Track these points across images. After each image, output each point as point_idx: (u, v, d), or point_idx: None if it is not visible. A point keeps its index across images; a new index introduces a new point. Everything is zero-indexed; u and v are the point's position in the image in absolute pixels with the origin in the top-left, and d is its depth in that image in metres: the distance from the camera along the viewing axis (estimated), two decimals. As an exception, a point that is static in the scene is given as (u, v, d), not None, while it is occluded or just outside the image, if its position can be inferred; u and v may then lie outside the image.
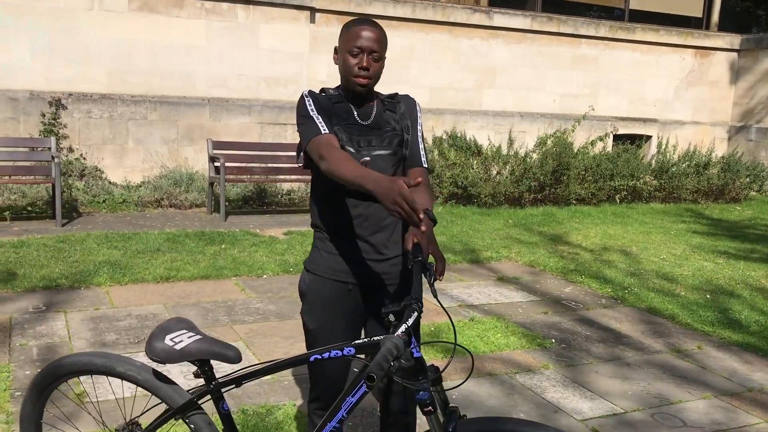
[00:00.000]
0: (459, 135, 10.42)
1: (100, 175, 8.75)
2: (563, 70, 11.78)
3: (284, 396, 3.74)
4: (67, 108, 8.56)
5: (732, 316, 5.55)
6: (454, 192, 9.83)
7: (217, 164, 8.20)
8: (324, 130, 2.22)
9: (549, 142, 10.70)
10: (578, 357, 4.55)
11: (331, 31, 9.95)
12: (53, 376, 2.24)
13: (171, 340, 2.02)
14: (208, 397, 2.12)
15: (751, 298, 6.10)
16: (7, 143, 7.70)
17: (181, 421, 2.53)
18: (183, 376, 3.92)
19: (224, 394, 2.18)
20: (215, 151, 8.40)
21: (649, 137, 12.72)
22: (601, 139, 11.35)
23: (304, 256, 6.59)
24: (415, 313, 1.83)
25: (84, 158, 8.69)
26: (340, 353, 1.94)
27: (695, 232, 9.05)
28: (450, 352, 4.48)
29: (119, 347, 4.28)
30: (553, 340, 4.82)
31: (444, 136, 10.45)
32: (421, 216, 1.75)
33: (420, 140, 2.45)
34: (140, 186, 8.81)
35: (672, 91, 12.88)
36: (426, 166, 2.44)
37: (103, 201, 8.36)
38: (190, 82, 9.22)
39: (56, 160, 7.35)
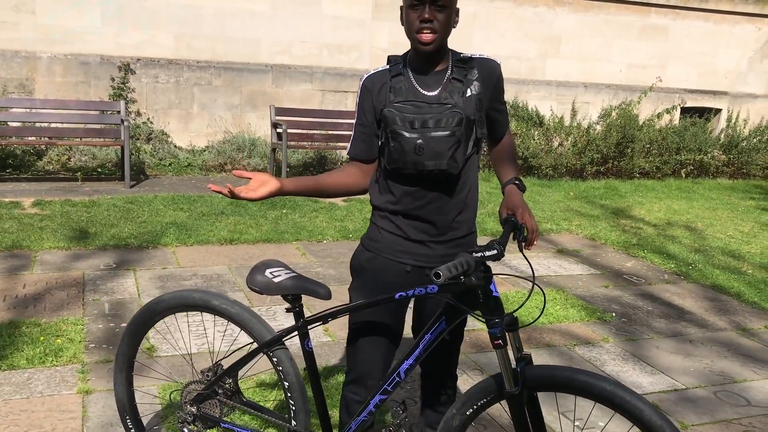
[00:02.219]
0: (521, 105, 10.26)
1: (166, 138, 8.96)
2: (631, 40, 11.43)
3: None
4: (135, 73, 8.76)
5: (802, 297, 5.38)
6: (514, 163, 9.72)
7: (279, 130, 8.30)
8: (348, 151, 2.29)
9: (614, 113, 10.45)
10: (639, 331, 4.50)
11: (393, 2, 9.88)
12: (152, 312, 2.41)
13: (270, 273, 2.18)
14: (294, 333, 2.25)
15: (823, 278, 5.90)
16: (79, 106, 7.95)
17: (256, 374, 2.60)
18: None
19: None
20: (277, 118, 8.49)
21: (718, 110, 12.29)
22: (668, 111, 11.02)
23: (362, 224, 6.66)
24: (495, 251, 1.90)
25: (151, 122, 8.90)
26: (423, 291, 2.01)
27: (765, 209, 8.75)
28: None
29: (186, 305, 4.42)
30: (614, 314, 4.77)
31: (505, 106, 10.30)
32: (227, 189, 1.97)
33: (505, 109, 2.32)
34: (204, 150, 8.99)
35: (745, 63, 12.38)
36: (509, 130, 2.38)
37: (169, 164, 8.57)
38: (254, 49, 9.31)
39: (125, 123, 7.55)
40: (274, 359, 2.27)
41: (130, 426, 2.59)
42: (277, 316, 4.37)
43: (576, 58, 11.16)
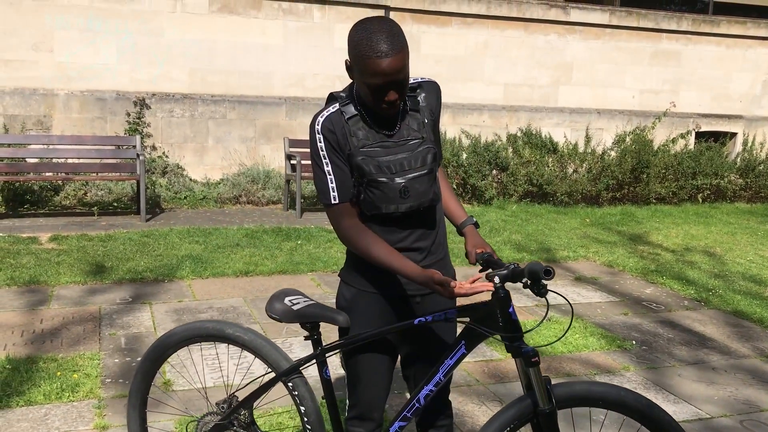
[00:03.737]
0: (534, 132, 10.26)
1: (182, 172, 9.03)
2: (643, 66, 11.44)
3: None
4: (150, 107, 8.87)
5: (826, 321, 5.28)
6: (529, 190, 9.70)
7: (293, 162, 8.34)
8: (335, 199, 2.09)
9: (628, 139, 10.42)
10: (660, 359, 4.42)
11: (405, 29, 9.96)
12: (165, 347, 2.41)
13: (290, 301, 2.23)
14: (313, 361, 2.26)
15: None
16: (95, 141, 8.03)
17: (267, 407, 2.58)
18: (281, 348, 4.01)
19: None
20: (291, 149, 8.54)
21: (734, 134, 12.22)
22: (682, 136, 10.97)
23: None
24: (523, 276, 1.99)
25: (166, 156, 8.98)
26: (443, 315, 2.09)
27: (784, 233, 8.65)
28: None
29: (202, 338, 4.41)
30: (634, 342, 4.70)
31: (519, 134, 10.31)
32: (455, 287, 1.98)
33: (438, 134, 2.24)
34: (219, 183, 9.05)
35: (759, 86, 12.34)
36: (441, 160, 2.28)
37: (185, 197, 8.63)
38: (268, 82, 9.41)
39: (141, 157, 7.63)
40: (292, 387, 2.28)
41: None
42: (293, 347, 4.34)
43: (588, 85, 11.17)
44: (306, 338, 2.23)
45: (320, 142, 2.08)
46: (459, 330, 2.49)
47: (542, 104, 10.93)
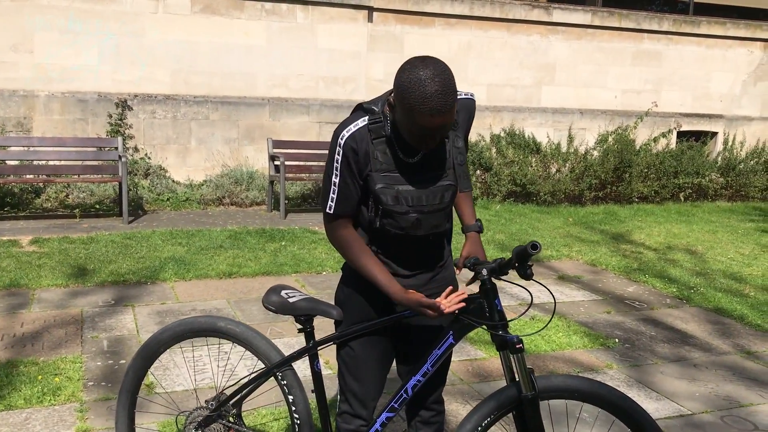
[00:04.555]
0: (517, 132, 10.31)
1: (164, 173, 8.98)
2: (625, 66, 11.53)
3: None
4: (132, 109, 8.81)
5: (805, 318, 5.34)
6: (513, 190, 9.74)
7: (276, 163, 8.32)
8: (331, 209, 2.11)
9: (610, 139, 10.49)
10: (643, 357, 4.45)
11: (388, 29, 9.98)
12: (158, 343, 2.43)
13: (285, 294, 2.30)
14: (305, 354, 2.31)
15: (826, 299, 5.86)
16: (77, 143, 7.97)
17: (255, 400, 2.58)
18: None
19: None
20: (275, 150, 8.52)
21: (714, 134, 12.34)
22: (664, 135, 11.06)
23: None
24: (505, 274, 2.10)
25: (149, 157, 8.93)
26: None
27: (765, 231, 8.74)
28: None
29: (185, 341, 4.38)
30: (617, 340, 4.73)
31: (502, 134, 10.35)
32: (445, 308, 2.06)
33: (465, 157, 2.22)
34: (202, 184, 9.01)
35: (739, 86, 12.47)
36: (471, 188, 2.30)
37: (167, 199, 8.58)
38: (251, 83, 9.38)
39: (123, 159, 7.57)
40: (281, 379, 2.33)
41: None
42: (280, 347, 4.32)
43: (571, 85, 11.24)
44: (300, 331, 2.29)
45: (338, 155, 2.05)
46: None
47: (525, 104, 10.98)
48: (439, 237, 2.26)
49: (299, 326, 2.32)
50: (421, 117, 1.87)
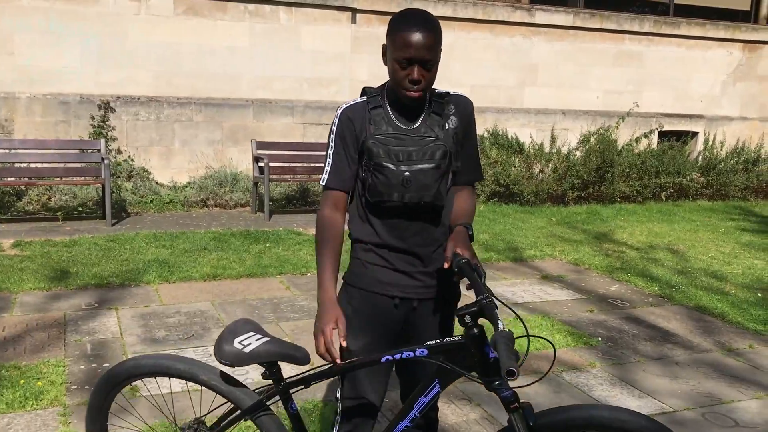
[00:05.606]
0: (501, 133, 10.36)
1: (148, 176, 8.94)
2: (606, 67, 11.62)
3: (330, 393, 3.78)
4: (115, 111, 8.76)
5: (784, 315, 5.42)
6: (496, 190, 9.79)
7: (261, 164, 8.31)
8: (324, 181, 2.16)
9: (592, 139, 10.56)
10: (625, 355, 4.50)
11: (372, 31, 9.99)
12: (115, 382, 2.23)
13: (240, 343, 2.03)
14: (277, 397, 2.14)
15: (805, 296, 5.95)
16: (59, 145, 7.92)
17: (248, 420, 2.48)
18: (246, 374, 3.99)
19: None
20: (259, 152, 8.51)
21: (695, 134, 12.47)
22: (645, 135, 11.16)
23: (345, 255, 6.64)
24: (496, 309, 1.81)
25: (132, 159, 8.88)
26: (412, 354, 1.95)
27: (745, 229, 8.85)
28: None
29: (169, 343, 4.38)
30: (600, 339, 4.77)
31: (486, 135, 10.40)
32: (338, 360, 2.00)
33: (475, 154, 2.28)
34: (186, 186, 8.97)
35: (719, 87, 12.60)
36: (483, 177, 2.29)
37: (151, 201, 8.54)
38: (235, 84, 9.36)
39: (106, 161, 7.53)
40: (261, 427, 2.14)
41: None
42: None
43: (553, 86, 11.31)
44: (264, 377, 2.09)
45: (334, 125, 2.16)
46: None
47: (508, 105, 11.04)
48: (434, 227, 2.20)
49: (264, 372, 2.11)
50: (402, 36, 2.00)
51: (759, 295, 5.93)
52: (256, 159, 8.46)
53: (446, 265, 1.97)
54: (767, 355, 4.62)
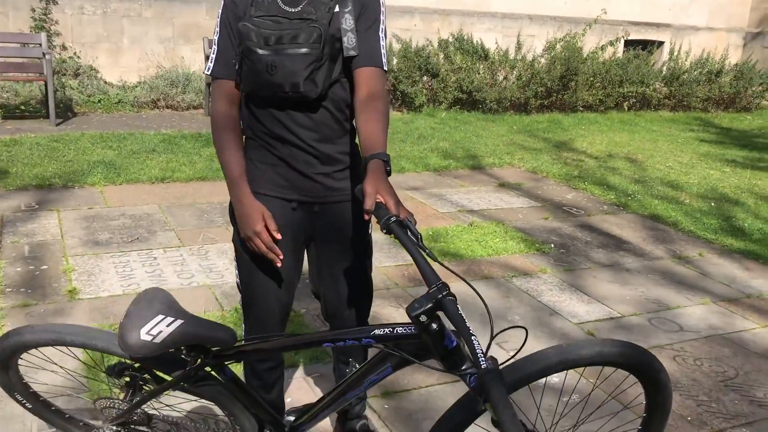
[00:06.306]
0: (466, 38, 10.05)
1: (95, 74, 8.52)
2: (576, -29, 11.26)
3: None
4: (58, 3, 8.23)
5: (735, 224, 5.46)
6: (459, 97, 9.59)
7: (214, 64, 7.94)
8: (209, 70, 1.98)
9: (558, 46, 10.33)
10: (577, 262, 4.49)
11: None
12: (11, 351, 1.89)
13: (148, 333, 1.66)
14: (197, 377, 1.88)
15: (756, 206, 6.00)
16: (-3, 39, 7.45)
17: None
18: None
19: None
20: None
21: (661, 43, 12.30)
22: (611, 44, 10.96)
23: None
24: (451, 299, 1.47)
25: (78, 57, 8.43)
26: (356, 342, 1.68)
27: (703, 140, 8.86)
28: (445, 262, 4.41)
29: (112, 246, 4.23)
30: (552, 245, 4.76)
31: (450, 39, 10.09)
32: (281, 257, 1.89)
33: (380, 37, 1.94)
34: (136, 86, 8.59)
35: (688, -5, 12.36)
36: (385, 68, 1.94)
37: (99, 101, 8.17)
38: (186, -22, 8.84)
39: (47, 56, 7.11)
40: (199, 391, 1.88)
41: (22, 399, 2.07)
42: (209, 255, 4.21)
43: (521, -10, 10.95)
44: (183, 357, 1.81)
45: (220, 9, 1.97)
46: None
47: (474, 8, 10.69)
48: (323, 107, 1.94)
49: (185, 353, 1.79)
50: None
51: (712, 204, 5.96)
52: (209, 58, 8.08)
53: (366, 217, 1.69)
54: (716, 262, 4.66)
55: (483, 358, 1.38)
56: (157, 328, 1.66)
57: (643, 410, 1.90)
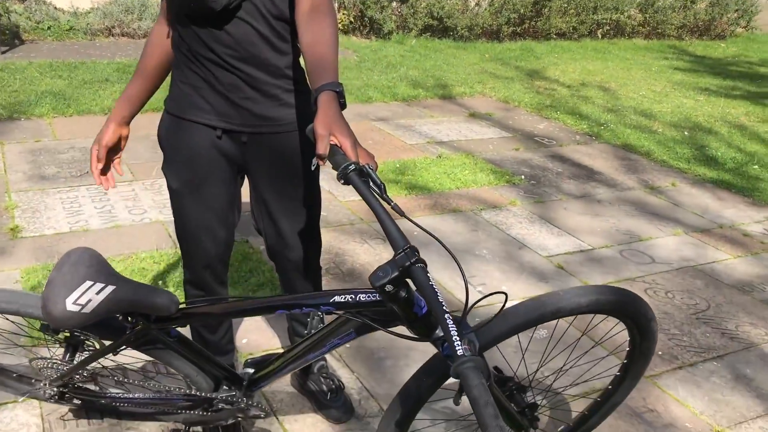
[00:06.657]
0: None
1: (44, -1, 8.03)
2: None
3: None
4: None
5: (708, 153, 5.36)
6: (430, 24, 9.25)
7: (170, -12, 7.51)
8: None
9: (531, -30, 9.97)
10: (547, 193, 4.36)
11: None
12: None
13: (75, 303, 1.43)
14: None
15: (729, 135, 5.89)
16: (-66, -40, 6.93)
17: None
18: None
19: None
20: (168, -26, 7.67)
21: (637, -32, 11.95)
22: (586, -32, 10.61)
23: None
24: (421, 266, 1.29)
25: (24, -20, 7.92)
26: (314, 310, 1.51)
27: (677, 68, 8.69)
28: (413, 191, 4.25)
29: (59, 181, 3.99)
30: (523, 177, 4.61)
31: (419, -37, 9.67)
32: (104, 185, 1.95)
33: None
34: (89, 12, 8.12)
35: None
36: None
37: (48, 28, 7.72)
38: None
39: (-11, -21, 6.65)
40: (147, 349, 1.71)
41: None
42: (163, 189, 3.99)
43: None
44: (123, 322, 1.63)
45: None
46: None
47: (445, -70, 10.21)
48: (242, 20, 1.69)
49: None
50: None
51: (686, 133, 5.85)
52: (166, -18, 7.64)
53: (321, 164, 1.38)
54: (688, 192, 4.57)
55: (459, 343, 1.18)
56: (86, 296, 1.44)
57: (625, 356, 1.79)
